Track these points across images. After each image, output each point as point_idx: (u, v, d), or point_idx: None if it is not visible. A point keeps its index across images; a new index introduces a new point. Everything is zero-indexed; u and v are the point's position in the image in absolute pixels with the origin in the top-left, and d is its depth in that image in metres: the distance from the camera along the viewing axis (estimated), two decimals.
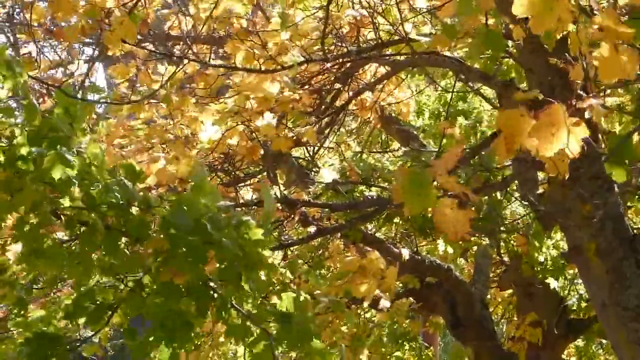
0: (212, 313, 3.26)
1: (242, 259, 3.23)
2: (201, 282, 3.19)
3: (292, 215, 6.13)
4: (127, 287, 3.37)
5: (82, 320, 3.51)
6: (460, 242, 8.37)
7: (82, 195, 3.21)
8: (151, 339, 3.21)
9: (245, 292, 3.29)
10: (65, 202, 3.21)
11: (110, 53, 5.84)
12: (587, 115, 3.57)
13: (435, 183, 3.53)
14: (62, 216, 3.28)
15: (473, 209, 6.61)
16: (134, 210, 3.30)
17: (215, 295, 3.21)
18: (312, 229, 6.15)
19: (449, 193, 3.56)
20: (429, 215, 7.13)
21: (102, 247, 3.26)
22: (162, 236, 3.16)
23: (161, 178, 6.22)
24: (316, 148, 8.51)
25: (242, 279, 3.22)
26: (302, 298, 3.53)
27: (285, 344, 3.29)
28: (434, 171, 3.52)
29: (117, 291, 3.45)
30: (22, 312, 3.73)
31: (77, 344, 3.46)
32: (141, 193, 3.33)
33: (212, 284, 3.22)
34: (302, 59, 6.34)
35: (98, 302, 3.42)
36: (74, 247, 3.38)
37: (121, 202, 3.24)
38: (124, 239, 3.28)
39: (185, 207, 3.16)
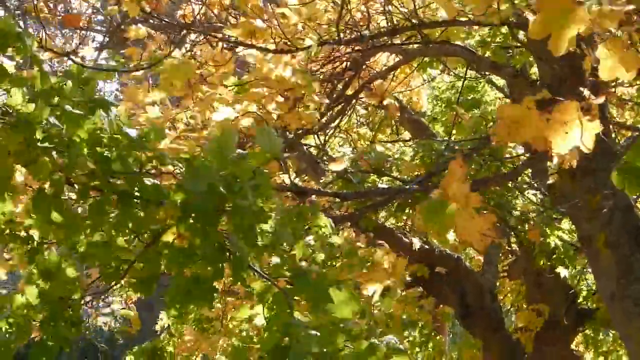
0: (229, 273, 3.25)
1: (257, 217, 3.22)
2: (216, 243, 3.17)
3: (303, 204, 6.12)
4: (142, 242, 3.36)
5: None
6: None
7: (95, 162, 3.21)
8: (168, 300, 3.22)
9: (260, 249, 3.28)
10: (78, 170, 3.21)
11: (130, 15, 5.85)
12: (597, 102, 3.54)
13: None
14: (75, 185, 3.28)
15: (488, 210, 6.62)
16: (147, 176, 3.30)
17: (231, 257, 3.19)
18: None
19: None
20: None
21: (115, 213, 3.27)
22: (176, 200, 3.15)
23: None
24: (327, 137, 8.50)
25: (256, 234, 3.20)
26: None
27: (302, 297, 3.28)
28: (445, 186, 3.51)
29: (132, 249, 3.45)
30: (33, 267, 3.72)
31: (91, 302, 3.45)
32: (156, 155, 3.32)
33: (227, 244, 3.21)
34: (316, 42, 6.31)
35: (114, 256, 3.42)
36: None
37: (135, 169, 3.24)
38: (137, 206, 3.28)
39: (199, 170, 3.14)
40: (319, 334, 2.98)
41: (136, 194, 3.25)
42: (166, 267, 3.25)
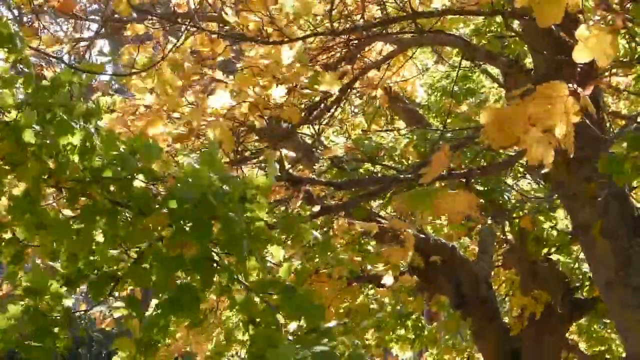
0: (216, 286, 3.27)
1: (248, 232, 3.23)
2: (205, 255, 3.18)
3: (297, 193, 6.12)
4: (130, 258, 3.37)
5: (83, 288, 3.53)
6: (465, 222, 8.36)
7: (85, 169, 3.21)
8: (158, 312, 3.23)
9: (251, 265, 3.30)
10: (67, 175, 3.21)
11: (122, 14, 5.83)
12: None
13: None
14: (64, 190, 3.28)
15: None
16: (138, 183, 3.29)
17: (219, 268, 3.21)
18: (316, 208, 6.14)
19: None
20: None
21: (104, 220, 3.26)
22: (165, 210, 3.16)
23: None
24: (322, 126, 8.49)
25: (247, 253, 3.22)
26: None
27: (287, 314, 3.29)
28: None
29: (120, 263, 3.45)
30: (17, 269, 3.71)
31: (77, 319, 3.47)
32: (146, 165, 3.33)
33: (215, 257, 3.22)
34: (309, 32, 6.31)
35: (101, 272, 3.43)
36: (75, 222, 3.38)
37: (127, 175, 3.24)
38: (128, 213, 3.28)
39: (190, 180, 3.15)
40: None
41: (126, 202, 3.25)
42: (155, 275, 3.24)
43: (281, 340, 2.97)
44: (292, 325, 3.29)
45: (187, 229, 3.10)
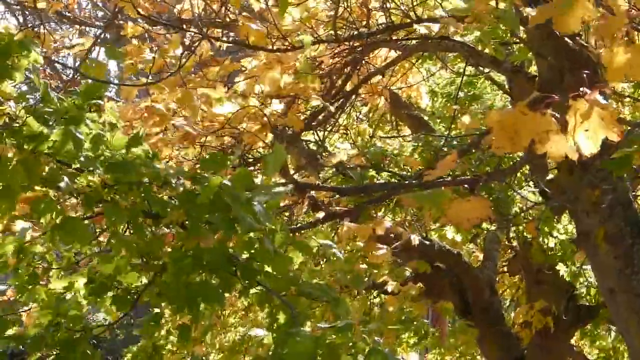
0: (236, 288, 3.28)
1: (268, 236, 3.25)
2: (223, 252, 3.19)
3: (302, 200, 6.12)
4: (151, 269, 3.40)
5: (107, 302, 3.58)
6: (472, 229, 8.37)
7: (102, 174, 3.24)
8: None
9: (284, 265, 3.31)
10: (83, 180, 3.24)
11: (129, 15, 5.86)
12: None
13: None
14: (80, 195, 3.30)
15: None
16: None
17: (238, 270, 3.22)
18: (321, 214, 6.14)
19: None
20: None
21: (127, 226, 3.29)
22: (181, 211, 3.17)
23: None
24: (326, 132, 8.50)
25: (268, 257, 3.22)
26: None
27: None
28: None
29: (140, 276, 3.51)
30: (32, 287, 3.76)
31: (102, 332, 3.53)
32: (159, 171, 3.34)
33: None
34: (314, 40, 6.32)
35: (123, 287, 3.48)
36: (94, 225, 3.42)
37: (145, 180, 3.26)
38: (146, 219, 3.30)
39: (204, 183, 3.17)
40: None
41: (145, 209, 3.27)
42: (172, 277, 3.26)
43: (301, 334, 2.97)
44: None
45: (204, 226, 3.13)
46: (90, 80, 3.60)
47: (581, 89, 2.97)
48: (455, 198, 3.58)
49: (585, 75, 3.89)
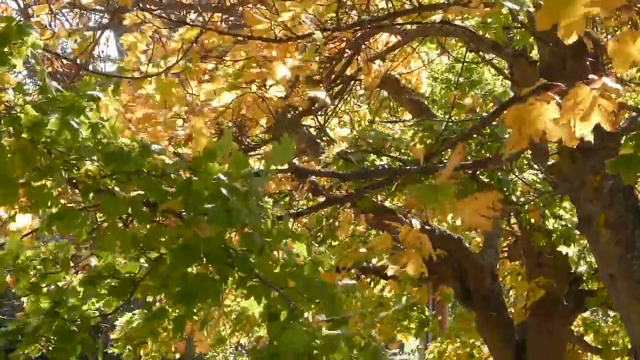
0: (233, 280, 3.28)
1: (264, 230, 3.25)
2: (222, 246, 3.19)
3: (302, 185, 6.12)
4: (149, 260, 3.40)
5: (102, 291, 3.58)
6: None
7: (100, 163, 3.23)
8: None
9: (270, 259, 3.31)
10: (81, 169, 3.24)
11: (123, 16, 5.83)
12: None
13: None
14: (79, 184, 3.29)
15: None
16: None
17: (235, 262, 3.21)
18: (321, 199, 6.14)
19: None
20: None
21: (128, 215, 3.29)
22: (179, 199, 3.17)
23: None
24: (326, 117, 8.48)
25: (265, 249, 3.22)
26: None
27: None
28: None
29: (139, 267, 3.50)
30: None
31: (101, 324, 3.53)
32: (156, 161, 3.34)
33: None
34: (317, 29, 6.28)
35: (122, 277, 3.48)
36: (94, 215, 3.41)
37: (145, 170, 3.25)
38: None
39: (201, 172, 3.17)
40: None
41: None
42: (170, 267, 3.25)
43: (297, 327, 2.97)
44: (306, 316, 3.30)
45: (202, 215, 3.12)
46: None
47: (590, 75, 2.96)
48: (460, 191, 3.57)
49: (588, 62, 3.88)
